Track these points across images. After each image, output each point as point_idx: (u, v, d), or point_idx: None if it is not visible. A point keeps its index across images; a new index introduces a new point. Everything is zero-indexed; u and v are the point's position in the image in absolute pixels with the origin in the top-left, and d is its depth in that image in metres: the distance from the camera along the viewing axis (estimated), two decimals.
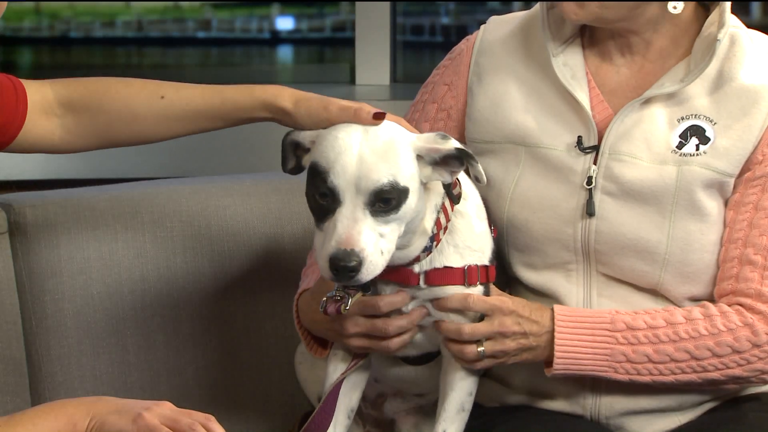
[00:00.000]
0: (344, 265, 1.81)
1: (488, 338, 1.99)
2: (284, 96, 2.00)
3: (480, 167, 1.90)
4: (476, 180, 1.92)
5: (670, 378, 2.01)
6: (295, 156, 1.97)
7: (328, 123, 1.92)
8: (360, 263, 1.82)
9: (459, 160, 1.90)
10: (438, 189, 1.96)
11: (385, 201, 1.84)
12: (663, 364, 2.00)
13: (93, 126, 2.05)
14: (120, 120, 2.04)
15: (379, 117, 1.89)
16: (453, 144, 1.90)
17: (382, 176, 1.84)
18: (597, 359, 2.00)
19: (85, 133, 2.06)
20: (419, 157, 1.90)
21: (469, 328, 1.98)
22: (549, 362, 2.02)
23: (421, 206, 1.91)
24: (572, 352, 1.99)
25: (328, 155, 1.86)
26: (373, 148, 1.85)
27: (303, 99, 1.98)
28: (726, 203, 2.06)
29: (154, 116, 2.04)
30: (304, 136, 1.94)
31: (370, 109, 1.90)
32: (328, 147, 1.88)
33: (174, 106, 2.04)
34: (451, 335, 1.99)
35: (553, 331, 2.00)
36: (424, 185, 1.92)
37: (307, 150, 1.94)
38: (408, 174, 1.87)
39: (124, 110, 2.04)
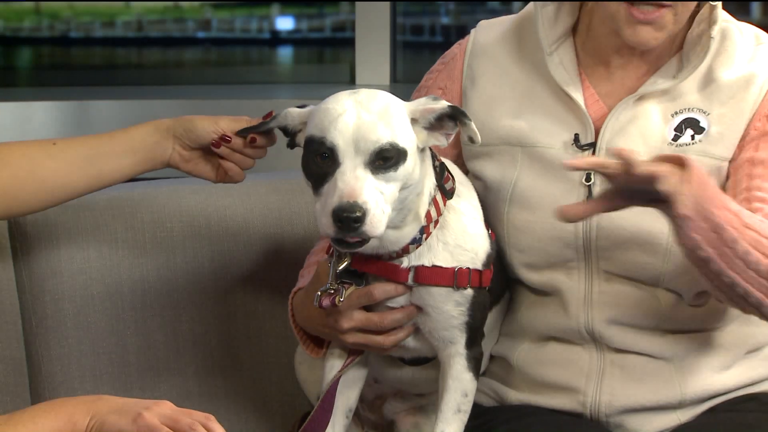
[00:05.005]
0: (348, 216, 1.81)
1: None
2: (166, 118, 2.12)
3: (473, 126, 1.92)
4: (470, 140, 1.93)
5: (731, 274, 1.91)
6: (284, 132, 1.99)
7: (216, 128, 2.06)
8: (364, 214, 1.81)
9: (453, 120, 1.92)
10: (431, 180, 1.96)
11: (385, 159, 1.85)
12: (741, 260, 1.91)
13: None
14: (21, 169, 2.06)
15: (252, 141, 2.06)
16: (445, 103, 1.92)
17: (381, 136, 1.85)
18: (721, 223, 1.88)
19: None
20: (414, 121, 1.91)
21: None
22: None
23: (417, 175, 1.91)
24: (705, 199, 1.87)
25: (323, 123, 1.87)
26: (369, 111, 1.87)
27: (189, 116, 2.11)
28: (724, 186, 2.06)
29: (50, 161, 2.07)
30: (293, 118, 1.96)
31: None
32: (321, 117, 1.89)
33: (68, 149, 2.08)
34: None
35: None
36: (421, 151, 1.92)
37: (299, 130, 1.96)
38: (406, 137, 1.88)
39: (23, 159, 2.06)
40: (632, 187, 1.86)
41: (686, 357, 2.11)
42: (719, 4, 2.07)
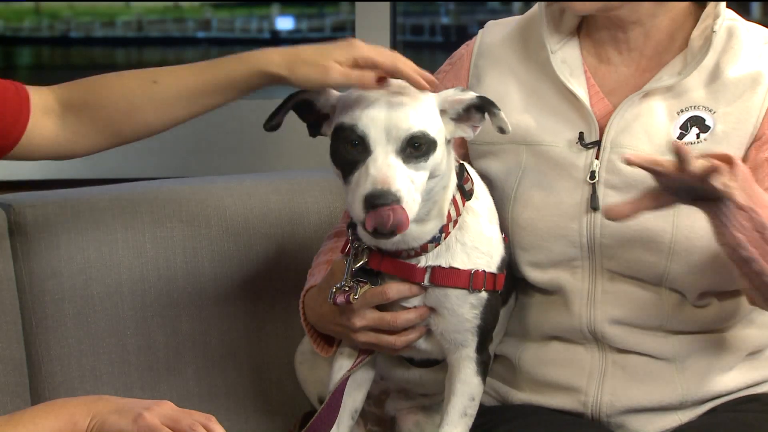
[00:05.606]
0: (381, 203, 1.80)
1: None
2: (275, 61, 2.00)
3: (503, 115, 1.91)
4: (500, 131, 1.93)
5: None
6: (301, 116, 1.96)
7: (329, 87, 1.94)
8: (397, 202, 1.81)
9: (481, 111, 1.92)
10: (452, 179, 1.97)
11: (416, 148, 1.85)
12: None
13: (94, 123, 2.06)
14: (118, 112, 2.05)
15: (382, 81, 1.90)
16: (473, 94, 1.92)
17: (412, 125, 1.85)
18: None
19: (89, 132, 2.06)
20: (443, 112, 1.91)
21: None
22: None
23: (444, 167, 1.91)
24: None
25: (354, 111, 1.87)
26: (400, 100, 1.87)
27: (298, 62, 1.97)
28: None
29: (150, 102, 2.05)
30: (326, 98, 1.94)
31: (371, 75, 1.91)
32: (352, 105, 1.88)
33: (170, 89, 2.05)
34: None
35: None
36: (447, 143, 1.92)
37: (324, 116, 1.95)
38: (436, 127, 1.89)
39: (121, 101, 2.04)
40: (681, 185, 1.86)
41: (688, 358, 2.10)
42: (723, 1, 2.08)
